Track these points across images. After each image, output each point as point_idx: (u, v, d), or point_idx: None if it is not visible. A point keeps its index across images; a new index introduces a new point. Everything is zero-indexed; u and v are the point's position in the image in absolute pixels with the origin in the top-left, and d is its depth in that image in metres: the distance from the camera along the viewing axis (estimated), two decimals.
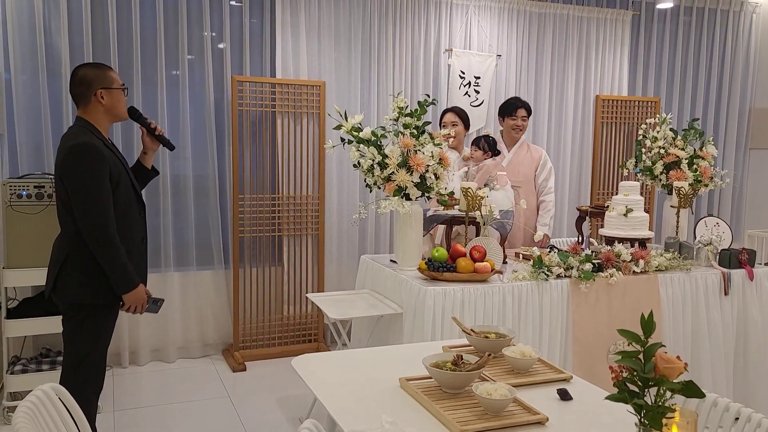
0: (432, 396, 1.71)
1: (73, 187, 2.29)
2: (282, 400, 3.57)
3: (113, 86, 2.43)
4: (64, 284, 2.37)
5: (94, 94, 2.39)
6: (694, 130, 3.73)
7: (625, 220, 3.34)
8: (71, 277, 2.36)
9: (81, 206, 2.28)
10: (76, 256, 2.36)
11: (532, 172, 3.90)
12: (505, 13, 4.81)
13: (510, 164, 3.89)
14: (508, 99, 4.10)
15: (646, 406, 1.08)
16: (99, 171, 2.30)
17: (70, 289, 2.36)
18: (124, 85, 2.50)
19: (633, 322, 3.08)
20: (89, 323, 2.40)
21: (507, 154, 3.92)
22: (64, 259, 2.36)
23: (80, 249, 2.35)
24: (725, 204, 5.68)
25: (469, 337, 2.03)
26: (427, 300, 2.74)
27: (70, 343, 2.44)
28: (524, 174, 3.87)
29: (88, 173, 2.28)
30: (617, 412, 1.70)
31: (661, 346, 1.11)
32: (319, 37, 4.33)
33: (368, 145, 3.00)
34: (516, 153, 3.92)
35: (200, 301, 4.25)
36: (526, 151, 3.93)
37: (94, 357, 2.44)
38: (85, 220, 2.29)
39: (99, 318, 2.42)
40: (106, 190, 2.31)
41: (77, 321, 2.40)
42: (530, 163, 3.90)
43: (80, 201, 2.28)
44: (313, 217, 4.34)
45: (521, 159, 3.91)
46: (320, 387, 1.83)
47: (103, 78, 2.41)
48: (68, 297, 2.37)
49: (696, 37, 5.47)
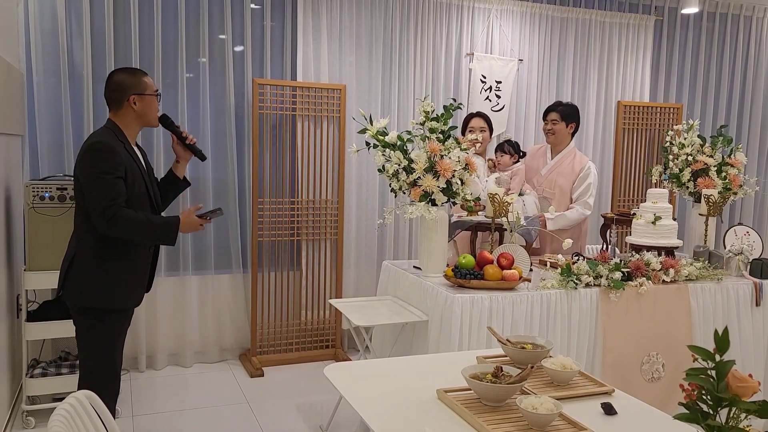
0: (472, 409, 1.65)
1: (86, 182, 2.27)
2: (301, 406, 3.53)
3: (146, 92, 2.42)
4: (71, 285, 2.35)
5: (126, 99, 2.39)
6: (722, 137, 3.66)
7: (653, 228, 3.27)
8: (77, 279, 2.34)
9: (92, 196, 2.25)
10: (83, 258, 2.34)
11: (569, 185, 3.69)
12: (527, 17, 4.77)
13: (549, 173, 3.72)
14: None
15: (720, 427, 1.03)
16: (113, 169, 2.27)
17: (77, 292, 2.34)
18: (158, 90, 2.48)
19: (665, 333, 3.04)
20: (99, 329, 2.37)
21: (549, 162, 3.76)
22: (71, 260, 2.35)
23: (86, 250, 2.33)
24: (747, 211, 5.61)
25: (506, 347, 1.98)
26: (455, 308, 2.69)
27: (82, 348, 2.41)
28: (560, 185, 3.70)
29: (100, 169, 2.26)
30: (666, 427, 1.65)
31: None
32: (341, 41, 4.30)
33: (394, 149, 2.96)
34: (558, 162, 3.71)
35: (218, 305, 4.22)
36: (569, 162, 3.71)
37: (107, 362, 2.41)
38: (96, 208, 2.24)
39: (108, 323, 2.38)
40: (120, 185, 2.28)
41: (86, 326, 2.37)
42: (570, 174, 3.68)
43: (92, 193, 2.25)
44: (332, 221, 4.30)
45: (562, 170, 3.70)
46: (356, 398, 1.77)
47: (137, 84, 2.41)
48: (75, 299, 2.35)
49: (719, 43, 5.40)
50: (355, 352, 4.25)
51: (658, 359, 3.03)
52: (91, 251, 2.33)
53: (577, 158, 3.74)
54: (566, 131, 3.71)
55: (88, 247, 2.33)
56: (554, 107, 3.77)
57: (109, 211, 2.23)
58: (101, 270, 2.33)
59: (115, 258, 2.35)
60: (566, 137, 3.73)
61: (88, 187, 2.27)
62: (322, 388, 3.67)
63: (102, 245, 2.33)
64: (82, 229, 2.36)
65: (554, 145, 3.78)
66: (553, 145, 3.79)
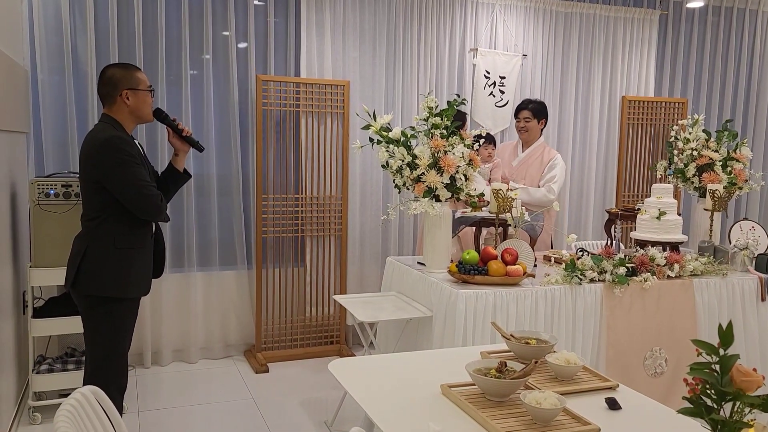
0: (476, 404, 1.66)
1: (111, 173, 2.32)
2: (306, 402, 3.54)
3: (139, 87, 2.43)
4: (86, 278, 2.36)
5: (119, 94, 2.41)
6: (728, 132, 3.65)
7: (658, 223, 3.26)
8: (93, 271, 2.36)
9: (125, 182, 2.33)
10: (97, 250, 2.36)
11: (539, 174, 3.87)
12: (531, 12, 4.75)
13: (520, 165, 3.90)
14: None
15: (724, 421, 1.02)
16: (132, 158, 2.35)
17: (93, 284, 2.36)
18: (151, 86, 2.49)
19: (669, 328, 3.03)
20: (110, 322, 2.40)
21: (520, 155, 3.94)
22: (85, 250, 2.37)
23: (100, 242, 2.36)
24: (753, 206, 5.58)
25: (510, 342, 1.98)
26: (459, 303, 2.69)
27: (90, 342, 2.43)
28: (531, 176, 3.87)
29: (121, 160, 2.32)
30: (670, 422, 1.65)
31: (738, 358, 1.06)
32: (344, 37, 4.29)
33: (397, 145, 2.96)
34: (528, 155, 3.92)
35: (223, 301, 4.23)
36: (539, 154, 3.90)
37: (116, 356, 2.43)
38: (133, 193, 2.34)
39: (117, 316, 2.41)
40: (140, 169, 2.38)
41: (98, 319, 2.39)
42: (539, 165, 3.87)
43: (123, 181, 2.32)
44: (336, 217, 4.30)
45: (532, 161, 3.89)
46: (360, 393, 1.78)
47: (129, 78, 2.42)
48: (91, 290, 2.36)
49: (724, 38, 5.37)
50: (360, 348, 4.26)
51: (661, 354, 3.02)
52: (105, 242, 2.36)
53: (546, 151, 3.93)
54: (538, 127, 3.94)
55: (102, 239, 2.36)
56: (525, 105, 3.94)
57: (152, 189, 2.37)
58: (116, 259, 2.37)
59: (127, 247, 2.40)
60: (537, 133, 3.95)
61: (116, 178, 2.32)
62: (327, 384, 3.68)
63: (116, 236, 2.38)
64: (93, 224, 2.38)
65: (526, 141, 3.96)
66: (525, 141, 3.97)
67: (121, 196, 2.34)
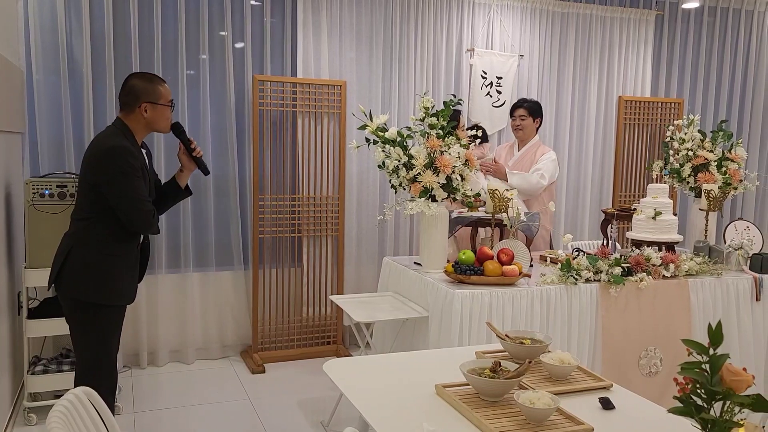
0: (470, 404, 1.66)
1: (111, 183, 2.31)
2: (302, 402, 3.54)
3: (159, 101, 2.42)
4: (68, 279, 2.35)
5: (138, 106, 2.40)
6: (723, 132, 3.66)
7: (653, 223, 3.27)
8: (76, 273, 2.34)
9: (122, 195, 2.32)
10: (80, 251, 2.34)
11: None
12: (528, 12, 4.75)
13: (515, 164, 3.90)
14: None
15: (714, 420, 1.03)
16: (134, 170, 2.34)
17: (75, 286, 2.34)
18: (171, 101, 2.48)
19: (664, 328, 3.04)
20: (96, 324, 2.38)
21: (516, 154, 3.95)
22: (69, 250, 2.35)
23: (84, 244, 2.35)
24: (748, 206, 5.59)
25: (504, 342, 1.98)
26: (455, 303, 2.70)
27: (78, 346, 2.42)
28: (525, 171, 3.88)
29: (122, 171, 2.31)
30: (663, 421, 1.65)
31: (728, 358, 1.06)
32: (341, 37, 4.29)
33: (394, 145, 2.96)
34: (523, 154, 3.92)
35: (219, 301, 4.22)
36: (533, 152, 3.91)
37: (104, 358, 2.42)
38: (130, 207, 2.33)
39: (105, 318, 2.39)
40: (141, 183, 2.36)
41: (83, 321, 2.38)
42: (532, 163, 3.87)
43: (121, 193, 2.31)
44: (332, 218, 4.30)
45: (527, 160, 3.90)
46: (354, 393, 1.78)
47: (151, 92, 2.41)
48: (71, 292, 2.35)
49: (720, 38, 5.38)
50: (356, 348, 4.26)
51: (656, 354, 3.03)
52: (90, 246, 2.35)
53: (540, 148, 3.94)
54: (533, 126, 3.92)
55: (88, 243, 2.35)
56: (520, 104, 3.93)
57: (147, 205, 2.36)
58: (100, 265, 2.35)
59: (112, 254, 2.38)
60: (533, 131, 3.95)
61: (114, 188, 2.30)
62: (324, 384, 3.68)
63: (102, 241, 2.35)
64: (82, 224, 2.37)
65: (521, 140, 3.96)
66: (520, 140, 3.97)
67: (115, 206, 2.33)
